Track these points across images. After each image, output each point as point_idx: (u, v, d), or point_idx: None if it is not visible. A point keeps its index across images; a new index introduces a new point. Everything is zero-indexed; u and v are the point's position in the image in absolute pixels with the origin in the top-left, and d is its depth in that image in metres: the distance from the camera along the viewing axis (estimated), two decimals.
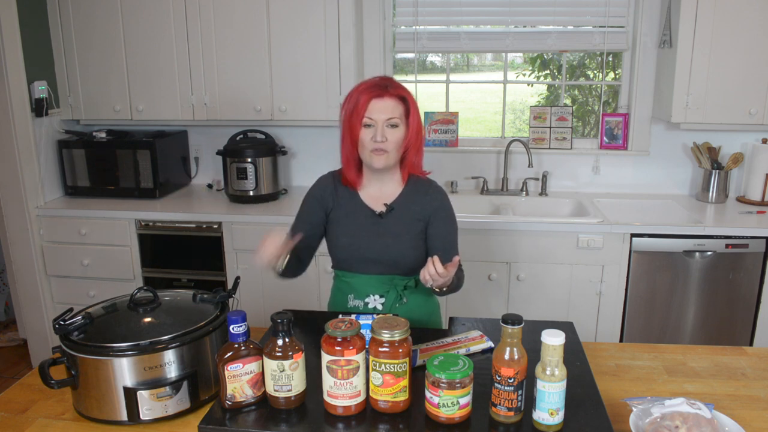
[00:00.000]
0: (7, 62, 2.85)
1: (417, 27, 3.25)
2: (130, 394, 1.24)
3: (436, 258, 1.50)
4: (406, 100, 1.68)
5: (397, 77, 3.41)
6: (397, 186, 1.77)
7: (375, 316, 1.47)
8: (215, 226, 2.95)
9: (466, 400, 1.19)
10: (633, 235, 2.71)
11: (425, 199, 1.75)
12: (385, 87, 1.65)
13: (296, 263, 1.77)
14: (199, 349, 1.30)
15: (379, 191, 1.76)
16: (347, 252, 1.75)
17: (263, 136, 3.23)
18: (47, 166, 3.13)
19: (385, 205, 1.75)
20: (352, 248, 1.74)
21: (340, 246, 1.76)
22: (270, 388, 1.24)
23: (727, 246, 2.68)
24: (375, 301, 1.75)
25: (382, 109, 1.63)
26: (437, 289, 1.65)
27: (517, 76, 3.50)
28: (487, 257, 2.80)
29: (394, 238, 1.72)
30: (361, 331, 1.25)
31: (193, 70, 3.05)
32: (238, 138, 3.20)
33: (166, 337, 1.26)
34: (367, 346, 1.22)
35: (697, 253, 2.71)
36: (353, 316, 1.49)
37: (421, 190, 1.76)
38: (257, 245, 1.58)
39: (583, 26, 3.18)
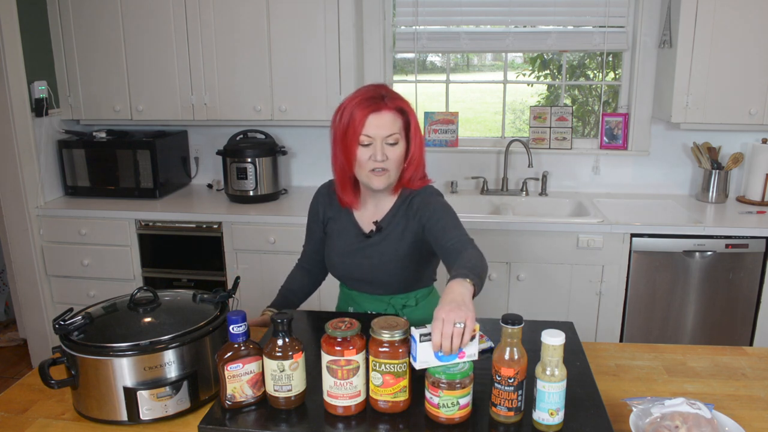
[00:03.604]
0: (7, 62, 2.84)
1: (417, 27, 3.24)
2: (130, 394, 1.24)
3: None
4: (405, 111, 1.55)
5: (397, 77, 3.41)
6: (389, 203, 1.66)
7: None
8: (215, 226, 2.95)
9: (466, 400, 1.19)
10: (633, 235, 2.71)
11: (411, 211, 1.62)
12: (381, 98, 1.51)
13: (304, 291, 1.85)
14: (199, 349, 1.30)
15: (374, 208, 1.68)
16: (339, 271, 1.73)
17: (263, 136, 3.23)
18: (47, 166, 3.13)
19: (375, 223, 1.66)
20: (342, 267, 1.71)
21: (331, 264, 1.73)
22: (270, 388, 1.24)
23: (727, 246, 2.68)
24: None
25: (381, 125, 1.50)
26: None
27: (517, 76, 3.50)
28: (487, 257, 2.76)
29: (380, 259, 1.64)
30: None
31: (193, 70, 3.05)
32: (238, 138, 3.20)
33: (166, 337, 1.26)
34: (367, 346, 1.22)
35: (697, 253, 2.71)
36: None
37: (409, 202, 1.64)
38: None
39: (583, 26, 3.18)
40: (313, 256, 1.83)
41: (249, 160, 3.07)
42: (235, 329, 1.23)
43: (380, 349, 1.19)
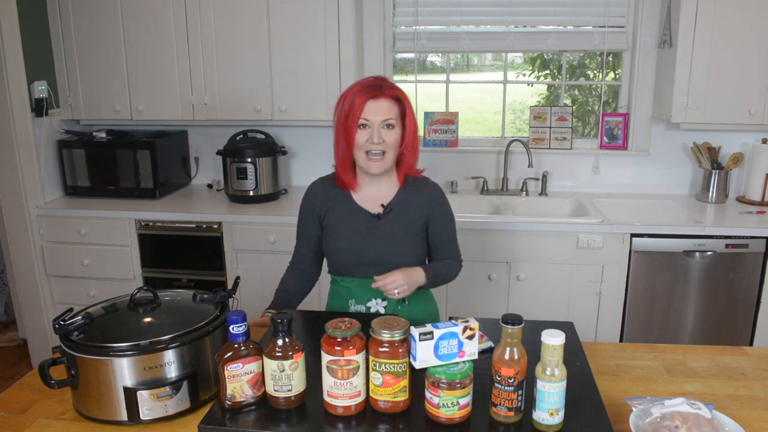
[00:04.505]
0: (7, 62, 2.85)
1: (417, 27, 3.25)
2: (130, 394, 1.24)
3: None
4: (401, 100, 1.67)
5: (397, 77, 3.41)
6: (394, 187, 1.76)
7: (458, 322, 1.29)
8: (215, 226, 2.95)
9: (466, 400, 1.19)
10: (633, 235, 2.71)
11: (422, 198, 1.75)
12: (380, 87, 1.64)
13: (299, 291, 1.86)
14: (199, 349, 1.30)
15: (375, 192, 1.75)
16: (346, 256, 1.73)
17: (263, 136, 3.23)
18: (47, 166, 3.13)
19: (382, 206, 1.73)
20: (351, 252, 1.72)
21: (338, 251, 1.74)
22: (270, 388, 1.24)
23: (727, 246, 2.68)
24: (377, 305, 1.74)
25: (378, 111, 1.62)
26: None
27: (517, 76, 3.50)
28: (487, 257, 2.80)
29: (392, 239, 1.71)
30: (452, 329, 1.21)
31: (193, 70, 3.05)
32: (238, 138, 3.20)
33: (166, 337, 1.26)
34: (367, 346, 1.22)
35: (697, 253, 2.71)
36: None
37: (418, 189, 1.76)
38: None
39: (583, 26, 3.18)
40: (308, 255, 1.85)
41: (249, 160, 3.07)
42: (235, 329, 1.24)
43: (380, 349, 1.19)
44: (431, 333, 1.19)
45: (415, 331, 1.19)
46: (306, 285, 1.88)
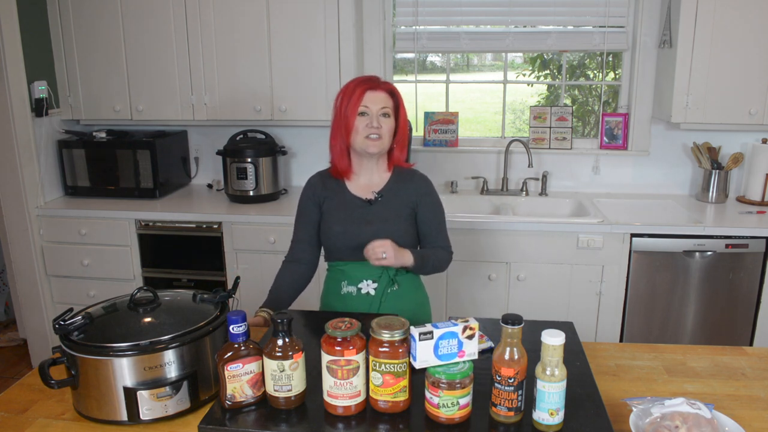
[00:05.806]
0: (7, 62, 2.85)
1: (417, 27, 3.25)
2: (130, 394, 1.24)
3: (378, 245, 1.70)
4: (395, 94, 1.82)
5: (397, 77, 3.42)
6: (384, 176, 1.87)
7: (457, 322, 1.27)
8: (215, 226, 2.95)
9: (466, 400, 1.19)
10: (633, 235, 2.71)
11: (411, 186, 1.86)
12: (376, 81, 1.80)
13: (294, 287, 1.89)
14: (199, 349, 1.30)
15: (368, 181, 1.86)
16: (340, 240, 1.81)
17: (263, 136, 3.22)
18: (47, 166, 3.13)
19: (374, 193, 1.84)
20: (345, 235, 1.81)
21: (333, 234, 1.82)
22: (270, 388, 1.24)
23: (727, 246, 2.68)
24: (368, 287, 1.81)
25: (376, 100, 1.77)
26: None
27: (517, 76, 3.50)
28: (487, 257, 2.80)
29: (383, 223, 1.80)
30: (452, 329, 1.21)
31: (193, 70, 3.05)
32: (238, 138, 3.20)
33: (166, 337, 1.26)
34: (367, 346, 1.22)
35: (697, 253, 2.71)
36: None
37: (406, 178, 1.88)
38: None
39: (583, 26, 3.18)
40: (307, 241, 1.89)
41: (249, 160, 3.07)
42: (235, 329, 1.24)
43: (380, 349, 1.19)
44: (431, 333, 1.19)
45: (415, 331, 1.19)
46: (300, 281, 1.90)
